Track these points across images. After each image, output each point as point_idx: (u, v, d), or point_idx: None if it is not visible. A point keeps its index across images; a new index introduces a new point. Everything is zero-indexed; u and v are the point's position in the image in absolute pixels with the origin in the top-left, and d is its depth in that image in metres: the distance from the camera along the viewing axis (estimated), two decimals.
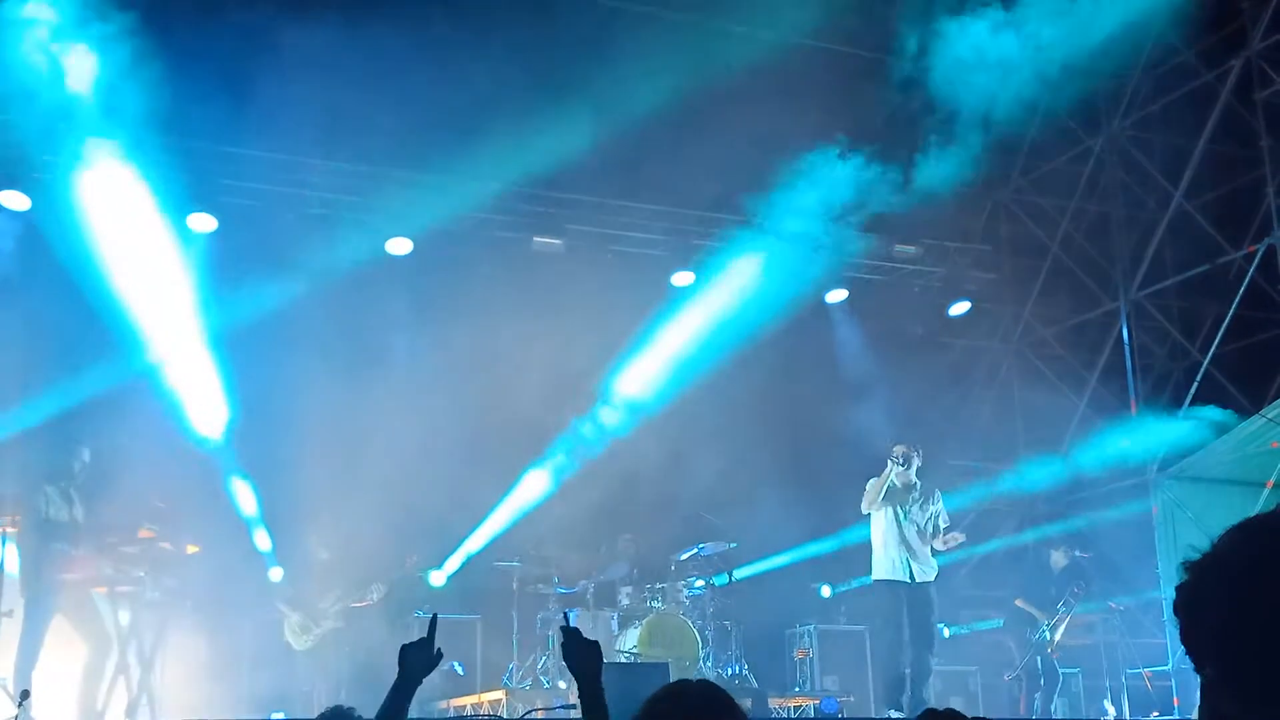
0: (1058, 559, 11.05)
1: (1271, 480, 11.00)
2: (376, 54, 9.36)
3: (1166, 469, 12.05)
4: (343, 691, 8.69)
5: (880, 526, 9.15)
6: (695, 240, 11.88)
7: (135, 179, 9.23)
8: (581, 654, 3.33)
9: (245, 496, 10.16)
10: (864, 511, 9.24)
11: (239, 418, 10.00)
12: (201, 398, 9.94)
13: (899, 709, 8.74)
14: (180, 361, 9.85)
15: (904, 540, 9.06)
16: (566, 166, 10.70)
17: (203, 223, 10.12)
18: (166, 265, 9.70)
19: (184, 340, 9.85)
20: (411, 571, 10.71)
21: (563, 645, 3.42)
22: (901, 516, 9.12)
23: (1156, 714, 10.65)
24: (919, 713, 8.09)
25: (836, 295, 12.48)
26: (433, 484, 10.16)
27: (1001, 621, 11.29)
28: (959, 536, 9.17)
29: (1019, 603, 10.97)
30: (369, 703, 4.67)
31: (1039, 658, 10.39)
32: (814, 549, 11.72)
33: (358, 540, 10.39)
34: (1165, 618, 11.69)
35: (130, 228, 9.42)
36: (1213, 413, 11.49)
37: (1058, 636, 10.32)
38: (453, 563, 10.98)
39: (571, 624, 3.58)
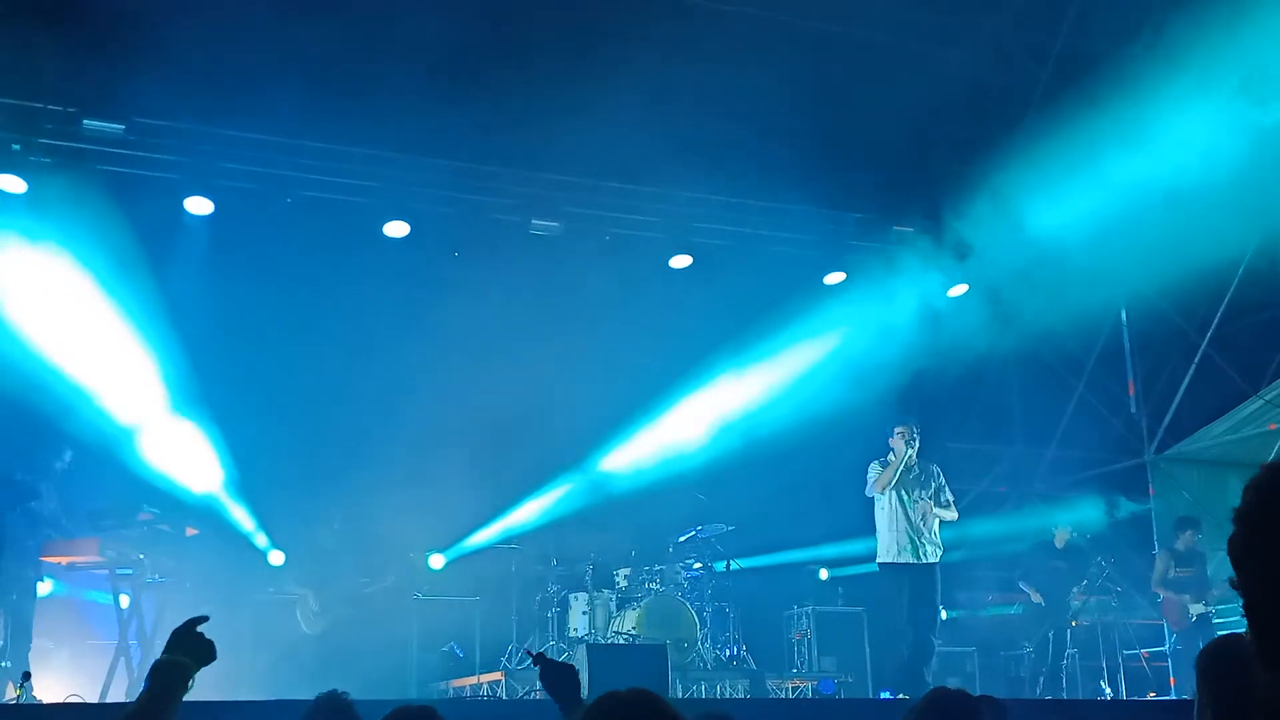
0: (1061, 535, 11.12)
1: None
2: (371, 36, 9.31)
3: (1164, 450, 12.05)
4: (336, 678, 8.67)
5: (885, 509, 9.16)
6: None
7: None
8: (559, 677, 3.50)
9: (245, 519, 10.14)
10: (869, 495, 9.24)
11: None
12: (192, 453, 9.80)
13: (901, 691, 8.73)
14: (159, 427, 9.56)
15: (910, 522, 9.08)
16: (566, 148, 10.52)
17: (200, 205, 10.07)
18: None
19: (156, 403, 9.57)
20: (412, 561, 10.73)
21: (540, 674, 3.57)
22: (906, 498, 9.13)
23: (1153, 694, 10.70)
24: (919, 692, 8.10)
25: (835, 277, 12.39)
26: (437, 469, 10.14)
27: (1022, 608, 11.35)
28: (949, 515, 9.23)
29: (1024, 586, 11.02)
30: (364, 686, 4.72)
31: (1052, 632, 10.43)
32: (823, 552, 11.75)
33: (364, 527, 10.38)
34: (1160, 599, 11.72)
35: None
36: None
37: (1079, 614, 10.37)
38: (455, 551, 10.98)
39: (536, 653, 3.78)
